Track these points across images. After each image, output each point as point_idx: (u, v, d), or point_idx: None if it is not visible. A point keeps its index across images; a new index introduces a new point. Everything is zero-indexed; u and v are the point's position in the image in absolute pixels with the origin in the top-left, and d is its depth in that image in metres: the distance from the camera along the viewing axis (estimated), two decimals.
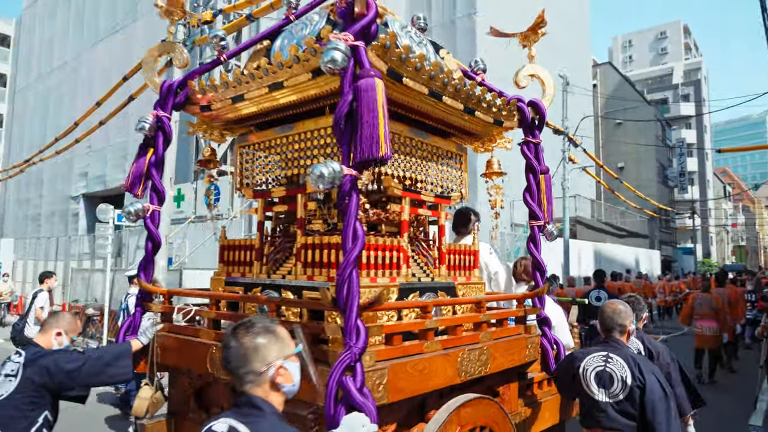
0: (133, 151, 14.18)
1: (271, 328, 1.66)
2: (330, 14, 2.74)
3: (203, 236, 13.41)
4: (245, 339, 1.62)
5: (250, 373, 1.60)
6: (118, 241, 17.47)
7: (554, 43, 23.24)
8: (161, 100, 3.06)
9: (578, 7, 26.70)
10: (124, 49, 19.91)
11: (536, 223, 3.28)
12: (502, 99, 3.10)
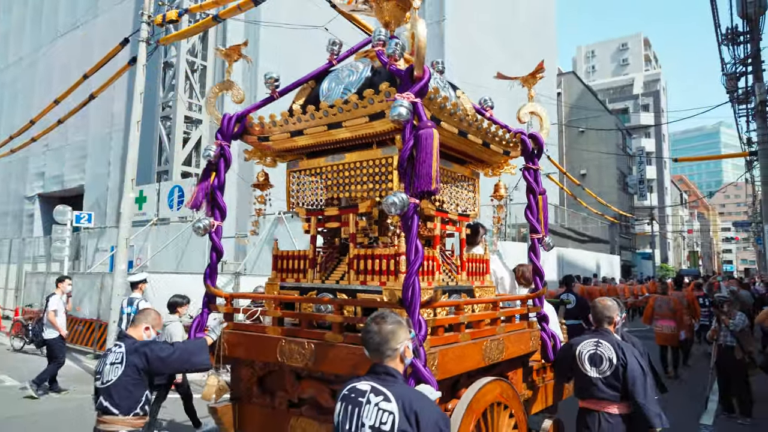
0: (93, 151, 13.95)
1: (399, 318, 2.24)
2: (372, 64, 3.37)
3: (166, 239, 13.11)
4: (384, 326, 2.17)
5: (389, 350, 2.14)
6: (76, 244, 16.91)
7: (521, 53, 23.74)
8: (222, 131, 3.59)
9: (544, 17, 27.32)
10: (85, 46, 19.33)
11: (536, 236, 3.91)
12: (510, 134, 3.71)
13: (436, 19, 18.81)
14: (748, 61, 15.48)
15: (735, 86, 16.75)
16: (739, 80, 16.63)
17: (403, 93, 2.74)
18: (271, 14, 15.74)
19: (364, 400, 2.09)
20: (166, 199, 13.92)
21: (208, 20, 9.50)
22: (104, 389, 3.12)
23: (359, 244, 3.38)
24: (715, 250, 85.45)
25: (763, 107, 13.93)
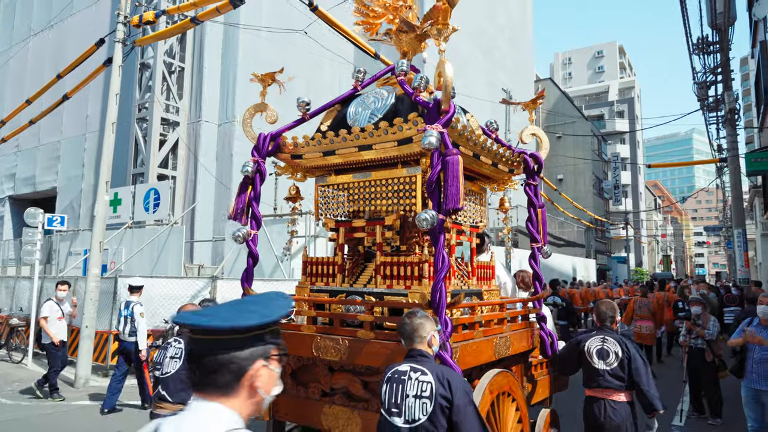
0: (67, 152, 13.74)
1: (425, 314, 2.82)
2: (395, 91, 3.85)
3: (141, 242, 12.91)
4: (415, 319, 2.74)
5: (418, 337, 2.70)
6: (47, 247, 16.55)
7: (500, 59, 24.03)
8: (258, 148, 4.03)
9: (522, 24, 27.69)
10: (59, 46, 18.97)
11: (536, 245, 4.36)
12: (515, 154, 4.17)
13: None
14: (718, 70, 15.94)
15: (706, 95, 17.20)
16: (710, 89, 17.09)
17: (431, 124, 3.20)
18: (251, 17, 15.66)
19: (406, 378, 2.65)
20: (141, 202, 13.70)
21: (186, 22, 9.40)
22: (163, 380, 3.51)
23: (384, 252, 3.84)
24: (687, 254, 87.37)
25: (732, 115, 14.34)
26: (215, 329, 1.26)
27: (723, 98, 15.29)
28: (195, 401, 1.27)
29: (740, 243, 13.68)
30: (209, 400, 1.26)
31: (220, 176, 16.17)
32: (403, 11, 4.07)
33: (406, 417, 2.57)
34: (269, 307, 1.35)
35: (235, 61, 16.53)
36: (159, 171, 15.86)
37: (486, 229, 4.63)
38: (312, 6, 8.56)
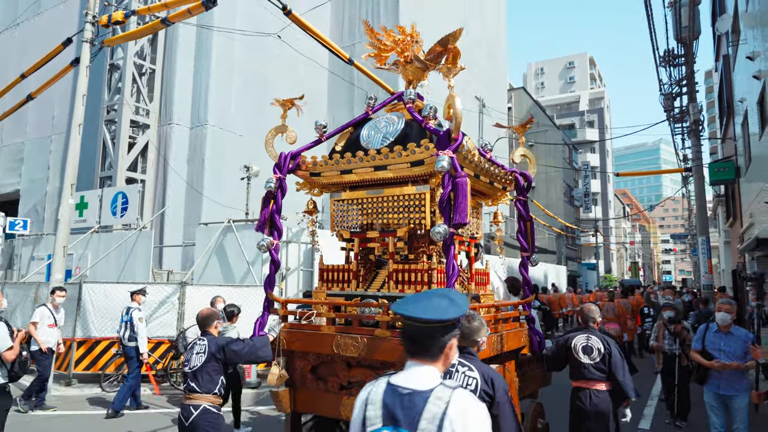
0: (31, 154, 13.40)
1: (483, 319, 3.23)
2: (404, 117, 4.34)
3: (108, 247, 12.58)
4: (474, 322, 3.13)
5: (473, 339, 3.09)
6: (9, 252, 16.01)
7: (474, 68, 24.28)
8: (279, 166, 4.47)
9: (496, 34, 28.08)
10: (25, 45, 18.45)
11: (525, 254, 4.91)
12: (508, 173, 4.73)
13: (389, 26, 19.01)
14: (683, 82, 16.41)
15: (672, 106, 17.68)
16: (676, 100, 17.58)
17: (442, 149, 3.70)
18: (225, 20, 15.50)
19: (453, 370, 2.94)
20: (109, 206, 13.37)
21: (157, 23, 9.24)
22: (191, 374, 3.97)
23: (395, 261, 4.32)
24: (655, 260, 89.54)
25: (696, 126, 14.77)
26: (434, 320, 1.79)
27: (688, 110, 15.74)
28: (413, 365, 1.82)
29: (704, 250, 14.05)
30: (423, 363, 1.80)
31: (192, 180, 15.91)
32: (410, 45, 4.59)
33: None
34: (459, 305, 1.87)
35: (208, 63, 16.33)
36: (128, 174, 15.52)
37: None
38: (285, 10, 8.51)
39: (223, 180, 15.82)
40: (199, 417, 3.88)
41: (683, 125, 18.21)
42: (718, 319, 5.36)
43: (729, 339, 5.25)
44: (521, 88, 38.64)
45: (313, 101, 19.87)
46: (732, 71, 15.94)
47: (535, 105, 38.91)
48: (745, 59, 11.65)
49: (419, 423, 1.67)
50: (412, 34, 4.63)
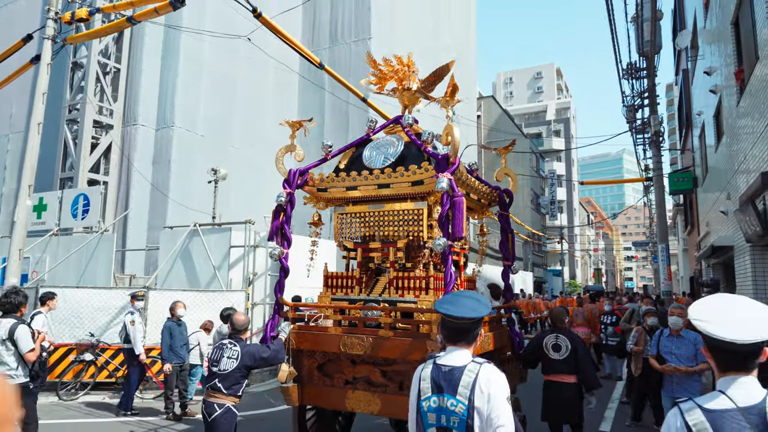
0: None
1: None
2: (402, 139, 4.87)
3: (67, 251, 12.17)
4: None
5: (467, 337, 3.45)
6: None
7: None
8: (289, 181, 4.95)
9: (466, 43, 28.46)
10: None
11: (507, 263, 5.52)
12: (493, 191, 5.38)
13: (362, 37, 19.06)
14: (645, 95, 16.96)
15: (634, 117, 18.23)
16: (638, 112, 18.14)
17: (441, 172, 4.22)
18: (193, 20, 15.27)
19: None
20: (69, 208, 12.95)
21: (122, 21, 9.03)
22: (221, 374, 4.28)
23: (388, 269, 4.86)
24: (618, 267, 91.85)
25: (657, 137, 15.26)
26: (469, 318, 2.36)
27: (649, 121, 16.25)
28: (453, 349, 2.39)
29: (664, 257, 14.49)
30: (461, 348, 2.38)
31: (157, 183, 15.56)
32: (408, 75, 5.18)
33: None
34: (485, 305, 2.45)
35: (176, 64, 16.04)
36: (89, 176, 15.08)
37: None
38: (255, 12, 8.44)
39: (189, 183, 15.53)
40: (222, 415, 4.24)
41: (645, 136, 18.79)
42: (670, 323, 5.55)
43: (680, 342, 5.43)
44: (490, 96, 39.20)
45: (284, 105, 19.73)
46: (691, 85, 16.55)
47: (503, 114, 39.54)
48: (703, 74, 12.12)
49: (458, 388, 2.27)
50: (409, 65, 5.18)
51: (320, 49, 19.64)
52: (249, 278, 10.90)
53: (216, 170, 13.37)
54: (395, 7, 20.60)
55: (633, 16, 15.63)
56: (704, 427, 1.68)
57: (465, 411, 2.22)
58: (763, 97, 6.33)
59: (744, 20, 7.65)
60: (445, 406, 2.26)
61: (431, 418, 2.30)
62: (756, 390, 1.71)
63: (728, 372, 1.75)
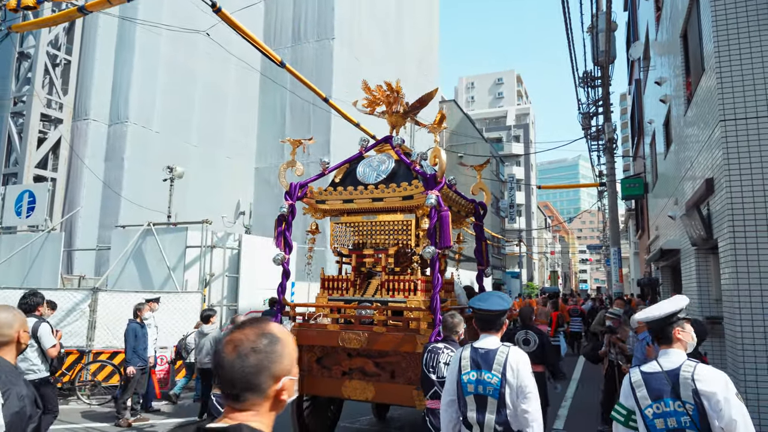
0: None
1: (460, 316, 4.24)
2: (393, 158, 5.54)
3: (10, 250, 11.58)
4: (455, 319, 4.16)
5: (455, 331, 4.15)
6: None
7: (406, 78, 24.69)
8: (290, 194, 5.55)
9: (429, 46, 28.70)
10: None
11: (481, 267, 6.44)
12: (470, 204, 6.23)
13: (325, 37, 18.95)
14: (600, 103, 17.50)
15: (589, 124, 18.80)
16: (593, 119, 18.71)
17: (430, 189, 4.91)
18: (150, 13, 14.82)
19: (441, 351, 4.06)
20: (13, 205, 12.33)
21: (73, 11, 8.65)
22: None
23: (379, 273, 5.58)
24: (573, 270, 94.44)
25: (610, 144, 15.76)
26: (497, 310, 3.07)
27: (603, 129, 16.79)
28: (485, 336, 3.09)
29: (616, 260, 14.99)
30: (491, 335, 3.07)
31: (109, 180, 15.01)
32: (397, 100, 5.86)
33: (438, 374, 3.96)
34: (508, 301, 3.15)
35: (131, 58, 15.53)
36: (36, 172, 14.41)
37: None
38: (215, 7, 8.24)
39: (144, 181, 15.04)
40: None
41: (599, 143, 19.39)
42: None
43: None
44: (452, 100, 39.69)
45: (245, 103, 19.40)
46: (643, 94, 17.18)
47: (465, 118, 40.07)
48: (654, 84, 12.59)
49: (493, 365, 2.92)
50: (398, 90, 5.84)
51: (282, 48, 19.40)
52: (206, 279, 10.64)
53: (172, 168, 13.00)
54: (359, 9, 20.58)
55: (589, 26, 16.11)
56: (640, 383, 2.46)
57: (498, 382, 2.88)
58: (708, 108, 6.62)
59: (692, 33, 7.98)
60: (483, 378, 2.92)
61: (470, 388, 2.95)
62: (677, 358, 2.44)
63: (661, 346, 2.53)
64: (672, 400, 2.34)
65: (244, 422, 1.14)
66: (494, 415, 2.84)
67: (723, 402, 2.24)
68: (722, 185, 5.99)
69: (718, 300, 7.24)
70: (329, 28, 18.97)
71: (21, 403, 2.05)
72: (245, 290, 11.21)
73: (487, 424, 2.85)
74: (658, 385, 2.38)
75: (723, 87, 6.02)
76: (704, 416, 2.25)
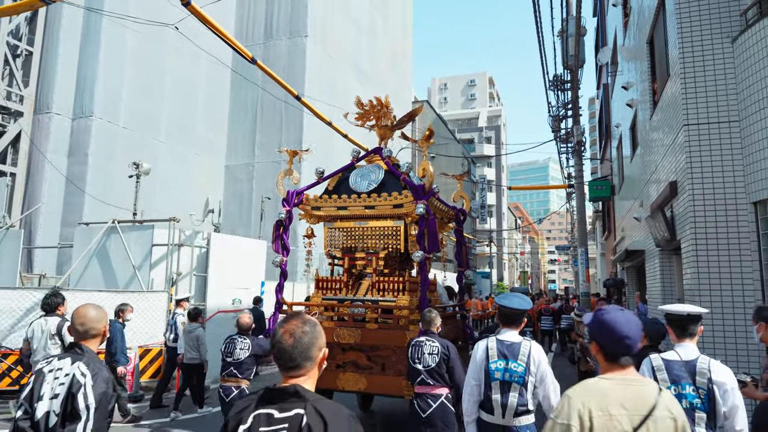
0: None
1: (437, 312, 4.78)
2: (383, 168, 6.05)
3: None
4: (432, 314, 4.71)
5: (434, 324, 4.67)
6: None
7: (381, 79, 24.69)
8: (287, 201, 6.04)
9: (403, 46, 28.75)
10: None
11: (461, 269, 7.05)
12: (452, 211, 6.79)
13: (297, 34, 18.77)
14: (569, 106, 17.81)
15: (558, 127, 19.10)
16: (562, 122, 19.02)
17: (419, 199, 5.46)
18: (117, 5, 14.42)
19: (423, 343, 4.56)
20: None
21: (36, 0, 8.34)
22: (235, 363, 5.39)
23: (370, 274, 6.10)
24: (542, 270, 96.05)
25: (579, 147, 16.05)
26: (519, 309, 3.49)
27: (572, 131, 17.08)
28: (506, 330, 3.51)
29: (583, 261, 15.27)
30: (512, 329, 3.51)
31: (72, 176, 14.55)
32: (387, 114, 6.44)
33: (423, 364, 4.48)
34: (528, 302, 3.54)
35: (97, 51, 15.09)
36: None
37: None
38: (184, 1, 8.06)
39: (109, 177, 14.64)
40: (238, 395, 5.29)
41: (568, 146, 19.73)
42: None
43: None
44: (425, 101, 39.84)
45: (215, 100, 19.06)
46: (610, 99, 17.57)
47: (437, 119, 40.30)
48: (621, 88, 12.88)
49: (518, 356, 3.39)
50: (386, 105, 6.42)
51: (254, 44, 19.15)
52: (172, 278, 10.40)
53: (138, 164, 12.68)
54: (332, 6, 20.47)
55: (559, 30, 16.38)
56: (661, 367, 2.90)
57: (523, 371, 3.36)
58: (673, 112, 6.80)
59: (658, 40, 8.19)
60: (510, 367, 3.38)
61: (497, 375, 3.39)
62: (693, 351, 2.90)
63: (680, 339, 2.97)
64: (689, 384, 2.83)
65: (297, 384, 1.66)
66: (516, 398, 3.34)
67: (730, 391, 2.74)
68: (685, 188, 6.15)
69: (680, 299, 7.44)
70: (302, 25, 18.80)
71: (106, 385, 2.49)
72: (214, 289, 11.01)
73: (510, 405, 3.34)
74: (677, 371, 2.87)
75: (687, 93, 6.18)
76: (713, 401, 2.75)
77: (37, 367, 2.57)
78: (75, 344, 2.63)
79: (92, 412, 2.37)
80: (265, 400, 1.66)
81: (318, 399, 1.65)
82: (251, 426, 1.61)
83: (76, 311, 2.71)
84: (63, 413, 2.37)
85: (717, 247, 5.79)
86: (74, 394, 2.38)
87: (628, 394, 1.81)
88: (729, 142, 5.91)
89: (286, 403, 1.62)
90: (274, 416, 1.60)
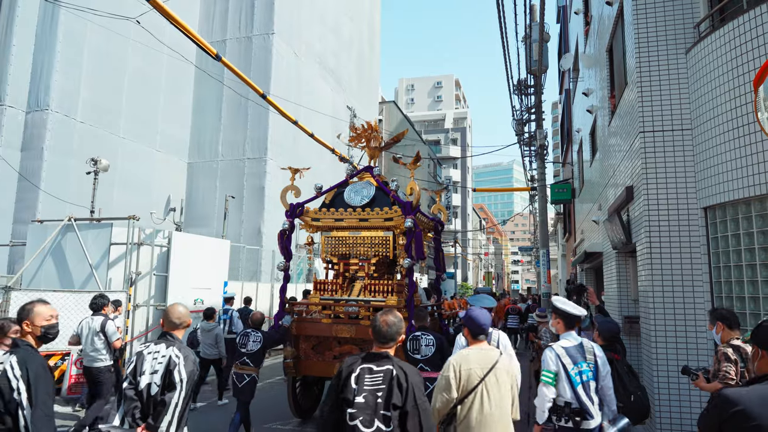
0: None
1: (425, 309, 6.46)
2: (374, 185, 7.05)
3: None
4: (423, 312, 6.13)
5: (425, 320, 5.97)
6: None
7: (348, 79, 24.62)
8: (290, 213, 7.03)
9: (370, 46, 28.76)
10: None
11: (439, 273, 8.27)
12: (431, 221, 7.81)
13: (264, 31, 18.54)
14: (533, 110, 18.18)
15: (522, 130, 19.48)
16: (526, 125, 19.41)
17: (408, 214, 6.40)
18: None
19: (420, 337, 5.48)
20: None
21: None
22: (249, 354, 6.11)
23: (362, 277, 7.03)
24: (506, 270, 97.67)
25: (541, 150, 16.41)
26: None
27: (535, 135, 17.44)
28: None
29: (545, 262, 15.62)
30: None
31: (25, 171, 13.99)
32: (378, 136, 7.47)
33: (421, 354, 5.36)
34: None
35: (53, 42, 14.55)
36: None
37: None
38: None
39: (65, 173, 14.14)
40: (250, 382, 6.03)
41: (531, 149, 20.14)
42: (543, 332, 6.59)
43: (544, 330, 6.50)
44: (392, 101, 39.96)
45: (178, 96, 18.63)
46: (572, 104, 18.01)
47: (404, 119, 40.47)
48: (582, 94, 13.24)
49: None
50: (375, 128, 7.45)
51: (219, 41, 18.83)
52: (131, 278, 10.14)
53: (96, 160, 12.30)
54: (299, 4, 20.31)
55: (524, 36, 16.70)
56: (564, 353, 3.70)
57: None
58: (630, 119, 7.04)
59: (616, 48, 8.46)
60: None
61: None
62: (576, 338, 3.83)
63: (567, 329, 3.84)
64: (584, 362, 3.71)
65: (387, 351, 2.69)
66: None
67: (603, 359, 3.81)
68: (641, 193, 6.38)
69: (635, 300, 7.71)
70: (268, 21, 18.58)
71: (193, 365, 3.17)
72: (175, 290, 10.78)
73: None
74: (574, 353, 3.71)
75: (643, 100, 6.41)
76: (597, 370, 3.75)
77: (137, 349, 3.27)
78: (167, 333, 3.29)
79: (185, 384, 3.07)
80: (367, 360, 2.63)
81: (400, 360, 2.64)
82: (359, 374, 2.56)
83: (171, 308, 3.37)
84: (162, 384, 3.07)
85: (670, 250, 6.02)
86: (171, 371, 3.07)
87: (480, 356, 3.23)
88: (682, 149, 6.15)
89: (381, 361, 2.61)
90: (373, 369, 2.58)
